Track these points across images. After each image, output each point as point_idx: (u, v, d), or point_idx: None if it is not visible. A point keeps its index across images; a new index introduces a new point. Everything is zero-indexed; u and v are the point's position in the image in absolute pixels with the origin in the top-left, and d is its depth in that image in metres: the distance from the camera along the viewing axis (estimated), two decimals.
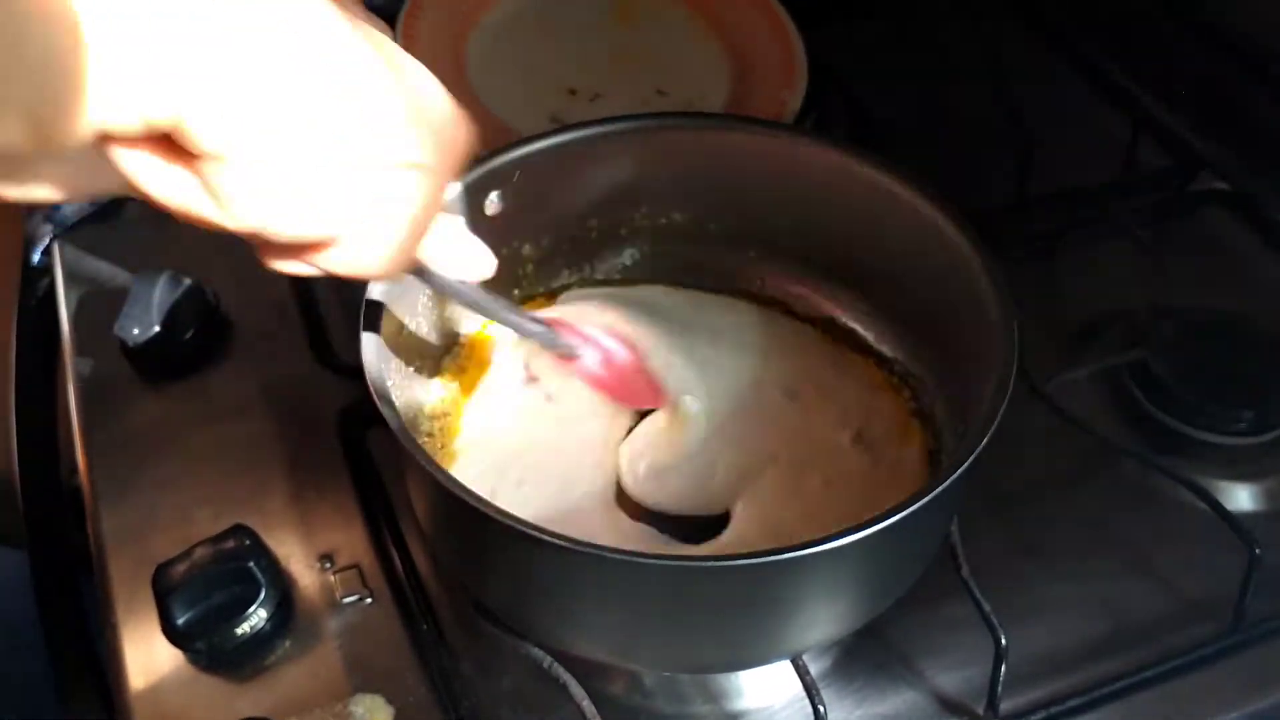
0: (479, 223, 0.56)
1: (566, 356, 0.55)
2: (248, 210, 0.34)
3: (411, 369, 0.55)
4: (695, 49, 0.79)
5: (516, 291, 0.61)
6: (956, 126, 0.81)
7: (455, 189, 0.53)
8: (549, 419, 0.57)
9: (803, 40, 0.77)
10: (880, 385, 0.58)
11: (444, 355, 0.58)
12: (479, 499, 0.42)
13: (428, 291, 0.55)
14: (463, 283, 0.48)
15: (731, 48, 0.79)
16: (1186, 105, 0.80)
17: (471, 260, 0.48)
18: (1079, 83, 0.86)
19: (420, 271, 0.47)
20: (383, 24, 0.39)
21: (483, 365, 0.59)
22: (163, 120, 0.32)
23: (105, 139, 0.32)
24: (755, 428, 0.57)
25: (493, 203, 0.56)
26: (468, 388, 0.58)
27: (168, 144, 0.33)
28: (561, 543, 0.41)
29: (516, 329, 0.53)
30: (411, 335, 0.54)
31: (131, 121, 0.32)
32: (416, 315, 0.55)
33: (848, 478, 0.55)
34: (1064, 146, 0.79)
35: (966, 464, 0.44)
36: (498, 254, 0.58)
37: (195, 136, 0.32)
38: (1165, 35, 0.85)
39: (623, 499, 0.55)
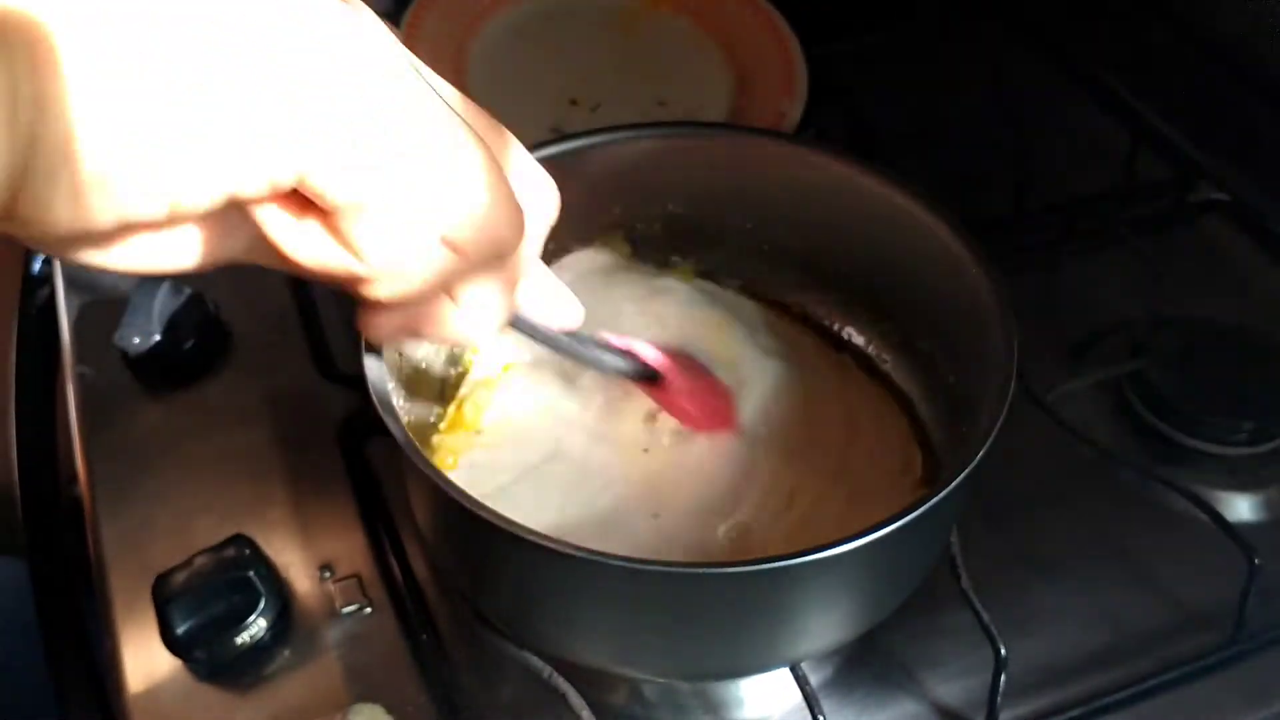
0: None
1: (651, 383, 0.52)
2: (384, 256, 0.35)
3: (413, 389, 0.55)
4: (696, 60, 0.79)
5: None
6: (956, 137, 0.81)
7: None
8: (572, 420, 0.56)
9: (803, 51, 0.77)
10: (878, 390, 0.58)
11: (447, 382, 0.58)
12: (479, 505, 0.42)
13: None
14: (548, 328, 0.47)
15: (733, 58, 0.79)
16: (1185, 115, 0.81)
17: (561, 307, 0.47)
18: (1078, 93, 0.86)
19: (514, 320, 0.45)
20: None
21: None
22: (288, 180, 0.32)
23: (233, 204, 0.32)
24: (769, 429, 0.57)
25: None
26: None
27: (297, 200, 0.33)
28: (561, 549, 0.41)
29: (598, 366, 0.51)
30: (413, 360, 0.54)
31: (258, 185, 0.32)
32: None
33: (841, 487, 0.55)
34: (1063, 157, 0.79)
35: (965, 473, 0.43)
36: None
37: (324, 192, 0.32)
38: (1164, 46, 0.85)
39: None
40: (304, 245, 0.34)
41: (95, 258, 0.34)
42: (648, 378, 0.52)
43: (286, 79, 0.31)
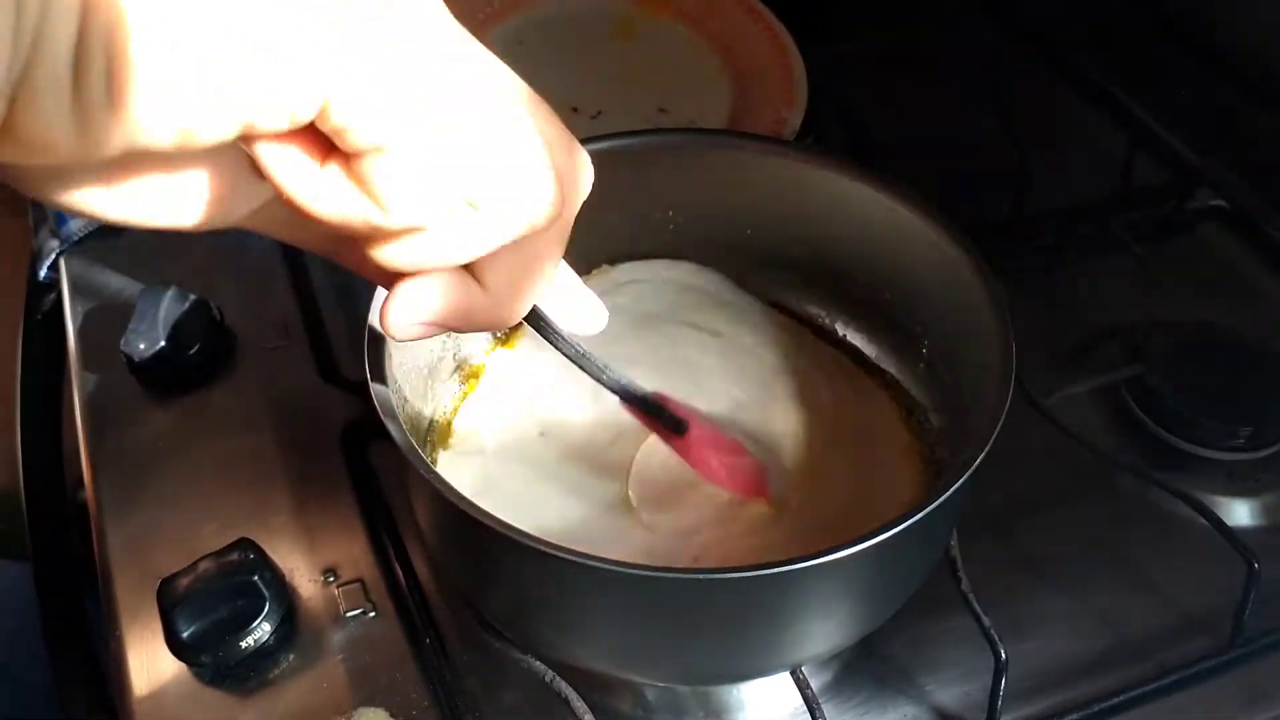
0: None
1: (668, 431, 0.49)
2: (411, 203, 0.32)
3: (414, 385, 0.55)
4: (696, 67, 0.80)
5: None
6: (955, 143, 0.81)
7: None
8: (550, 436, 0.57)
9: (802, 58, 0.77)
10: (879, 396, 0.59)
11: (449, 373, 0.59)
12: (481, 510, 0.43)
13: None
14: (572, 335, 0.45)
15: (732, 65, 0.79)
16: (1184, 122, 0.81)
17: (586, 312, 0.45)
18: (1076, 99, 0.87)
19: (536, 320, 0.43)
20: None
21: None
22: (310, 107, 0.29)
23: (249, 139, 0.30)
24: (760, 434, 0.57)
25: None
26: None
27: (317, 142, 0.31)
28: (562, 555, 0.42)
29: (617, 391, 0.48)
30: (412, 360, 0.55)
31: (277, 112, 0.29)
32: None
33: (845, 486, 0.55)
34: (1062, 163, 0.80)
35: (964, 478, 0.44)
36: None
37: (348, 126, 0.29)
38: (1163, 52, 0.86)
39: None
40: (322, 192, 0.31)
41: (91, 198, 0.31)
42: (671, 425, 0.49)
43: None
